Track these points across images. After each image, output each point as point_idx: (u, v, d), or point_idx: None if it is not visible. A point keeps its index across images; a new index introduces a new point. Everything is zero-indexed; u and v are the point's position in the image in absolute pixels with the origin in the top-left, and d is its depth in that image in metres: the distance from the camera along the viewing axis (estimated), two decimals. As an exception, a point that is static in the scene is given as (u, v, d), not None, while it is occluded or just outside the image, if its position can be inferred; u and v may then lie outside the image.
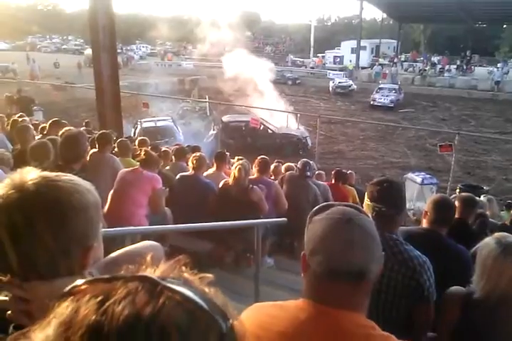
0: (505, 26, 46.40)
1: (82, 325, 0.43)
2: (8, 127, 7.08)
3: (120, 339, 0.42)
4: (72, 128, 5.05)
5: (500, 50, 46.52)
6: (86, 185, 0.90)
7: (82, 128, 6.65)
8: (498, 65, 37.43)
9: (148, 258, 0.53)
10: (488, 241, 1.84)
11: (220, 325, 0.47)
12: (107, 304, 0.44)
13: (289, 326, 0.97)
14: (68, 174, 0.91)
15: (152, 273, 0.50)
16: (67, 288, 0.49)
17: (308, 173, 5.67)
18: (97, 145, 4.43)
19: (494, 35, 45.48)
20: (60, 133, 4.38)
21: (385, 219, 1.98)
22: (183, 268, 0.53)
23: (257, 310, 1.07)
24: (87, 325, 0.42)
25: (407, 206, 10.20)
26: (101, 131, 5.01)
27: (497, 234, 1.87)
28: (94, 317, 0.43)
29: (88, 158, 4.23)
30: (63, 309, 0.45)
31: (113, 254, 1.20)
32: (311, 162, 5.93)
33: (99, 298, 0.45)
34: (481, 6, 34.03)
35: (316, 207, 1.09)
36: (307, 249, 1.02)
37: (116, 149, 5.20)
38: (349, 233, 1.00)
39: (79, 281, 0.49)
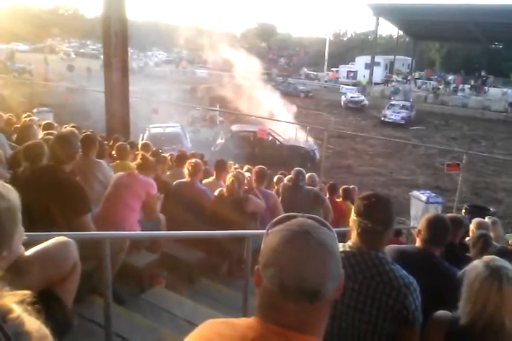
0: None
1: None
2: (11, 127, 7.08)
3: None
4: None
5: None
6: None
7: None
8: (513, 86, 37.20)
9: None
10: (477, 263, 1.73)
11: None
12: None
13: None
14: None
15: None
16: None
17: (301, 183, 5.61)
18: (81, 149, 4.22)
19: (510, 57, 45.22)
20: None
21: (371, 235, 1.88)
22: None
23: (208, 327, 1.00)
24: None
25: (412, 224, 10.03)
26: (85, 133, 4.84)
27: (486, 257, 1.76)
28: None
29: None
30: None
31: (27, 253, 1.20)
32: (304, 171, 5.88)
33: None
34: (497, 26, 34.00)
35: (276, 218, 1.01)
36: (260, 261, 0.94)
37: (114, 152, 5.14)
38: (304, 246, 0.92)
39: None
